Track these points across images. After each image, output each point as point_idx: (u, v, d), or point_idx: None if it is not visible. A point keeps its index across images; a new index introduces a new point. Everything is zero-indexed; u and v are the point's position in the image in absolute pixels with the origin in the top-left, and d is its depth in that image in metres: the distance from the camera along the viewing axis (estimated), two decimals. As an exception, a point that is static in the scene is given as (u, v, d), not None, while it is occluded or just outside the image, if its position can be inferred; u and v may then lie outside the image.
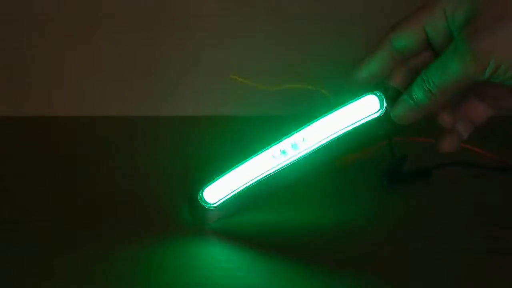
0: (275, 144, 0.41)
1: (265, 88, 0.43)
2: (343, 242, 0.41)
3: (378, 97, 0.38)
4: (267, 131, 0.62)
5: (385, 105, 0.37)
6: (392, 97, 0.38)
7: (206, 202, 0.42)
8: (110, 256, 0.41)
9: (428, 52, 0.38)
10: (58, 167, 0.56)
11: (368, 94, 0.38)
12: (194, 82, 0.66)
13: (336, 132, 0.39)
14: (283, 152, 0.40)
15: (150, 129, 0.65)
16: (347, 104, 0.39)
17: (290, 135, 0.40)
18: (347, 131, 0.39)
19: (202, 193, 0.42)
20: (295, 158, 0.40)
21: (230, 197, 0.41)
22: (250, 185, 0.41)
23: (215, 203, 0.42)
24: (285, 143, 0.40)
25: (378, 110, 0.38)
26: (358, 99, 0.39)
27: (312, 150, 0.40)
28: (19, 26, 0.65)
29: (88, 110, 0.68)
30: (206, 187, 0.42)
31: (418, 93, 0.35)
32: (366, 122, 0.38)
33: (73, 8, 0.64)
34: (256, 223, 0.43)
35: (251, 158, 0.41)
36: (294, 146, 0.40)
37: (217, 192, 0.42)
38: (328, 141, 0.39)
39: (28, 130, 0.66)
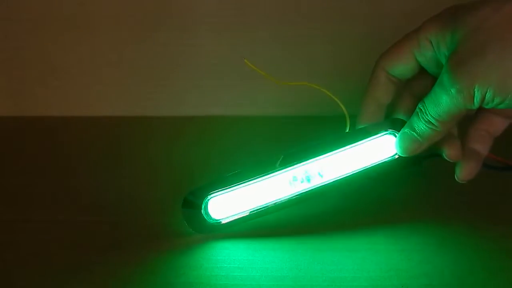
0: (292, 168, 0.40)
1: (274, 81, 0.42)
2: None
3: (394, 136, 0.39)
4: (267, 131, 0.62)
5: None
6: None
7: (209, 216, 0.41)
8: (110, 256, 0.41)
9: (426, 75, 0.38)
10: (58, 167, 0.56)
11: (387, 133, 0.39)
12: (194, 82, 0.66)
13: (353, 170, 0.40)
14: (301, 180, 0.40)
15: (150, 129, 0.65)
16: (365, 140, 0.40)
17: (306, 162, 0.40)
18: (364, 169, 0.40)
19: (207, 203, 0.41)
20: (310, 188, 0.40)
21: (238, 219, 0.41)
22: (262, 208, 0.41)
23: (220, 220, 0.42)
24: (301, 172, 0.40)
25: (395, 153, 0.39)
26: (375, 136, 0.39)
27: (327, 183, 0.40)
28: (19, 26, 0.65)
29: (88, 110, 0.68)
30: (212, 196, 0.41)
31: (419, 125, 0.36)
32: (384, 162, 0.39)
33: (73, 8, 0.64)
34: (256, 222, 0.43)
35: (264, 176, 0.40)
36: (308, 178, 0.40)
37: (223, 207, 0.41)
38: (343, 177, 0.40)
39: (28, 130, 0.66)
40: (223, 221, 0.42)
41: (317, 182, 0.40)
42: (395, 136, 0.39)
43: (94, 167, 0.56)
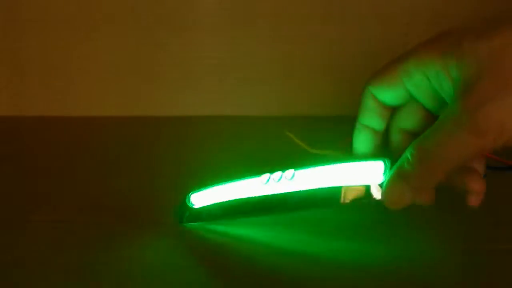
0: (269, 173, 0.41)
1: (307, 148, 0.42)
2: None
3: (385, 165, 0.34)
4: (267, 131, 0.62)
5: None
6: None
7: (191, 203, 0.43)
8: (110, 256, 0.41)
9: (417, 105, 0.34)
10: (58, 167, 0.56)
11: (376, 160, 0.35)
12: (194, 82, 0.66)
13: (327, 182, 0.38)
14: (272, 181, 0.40)
15: (150, 129, 0.65)
16: (351, 161, 0.37)
17: (285, 170, 0.40)
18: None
19: (190, 195, 0.44)
20: (277, 191, 0.40)
21: (210, 205, 0.43)
22: (232, 201, 0.42)
23: (196, 206, 0.43)
24: (276, 175, 0.40)
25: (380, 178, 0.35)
26: (364, 160, 0.36)
27: (297, 192, 0.39)
28: (19, 26, 0.65)
29: (88, 110, 0.68)
30: (196, 191, 0.44)
31: (417, 176, 0.30)
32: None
33: (73, 8, 0.64)
34: (256, 222, 0.43)
35: (245, 178, 0.42)
36: (279, 179, 0.40)
37: (203, 198, 0.43)
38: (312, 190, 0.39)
39: (28, 130, 0.65)
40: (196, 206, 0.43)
41: (289, 185, 0.40)
42: (384, 165, 0.35)
43: (94, 167, 0.56)
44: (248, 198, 0.41)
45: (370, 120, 0.35)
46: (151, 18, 0.63)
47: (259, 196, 0.41)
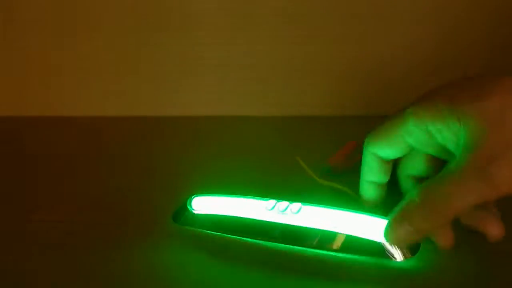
0: (276, 200, 0.41)
1: (317, 179, 0.44)
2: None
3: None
4: (267, 131, 0.62)
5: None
6: None
7: (191, 207, 0.43)
8: (110, 256, 0.41)
9: (419, 153, 0.36)
10: (58, 167, 0.56)
11: (385, 218, 0.36)
12: (194, 82, 0.66)
13: (331, 225, 0.39)
14: (277, 209, 0.41)
15: (150, 129, 0.65)
16: (360, 213, 0.38)
17: (292, 202, 0.40)
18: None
19: (192, 198, 0.44)
20: (280, 221, 0.40)
21: (210, 215, 0.43)
22: (233, 217, 0.42)
23: (196, 211, 0.43)
24: (282, 205, 0.41)
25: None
26: (373, 215, 0.37)
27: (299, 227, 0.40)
28: (19, 26, 0.65)
29: (88, 110, 0.68)
30: (199, 195, 0.44)
31: (423, 219, 0.32)
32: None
33: (73, 8, 0.64)
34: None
35: (251, 197, 0.42)
36: (285, 210, 0.40)
37: (204, 205, 0.43)
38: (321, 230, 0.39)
39: (28, 130, 0.66)
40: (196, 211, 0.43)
41: (293, 218, 0.40)
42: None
43: (94, 167, 0.56)
44: (249, 219, 0.41)
45: (374, 176, 0.38)
46: (151, 18, 0.63)
47: (260, 221, 0.41)
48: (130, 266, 0.40)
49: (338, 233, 0.39)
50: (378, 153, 0.37)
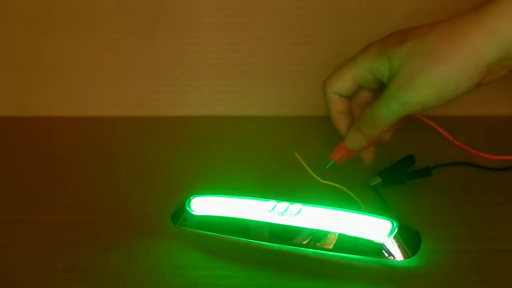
0: (276, 201, 0.42)
1: (317, 178, 0.46)
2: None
3: (392, 226, 0.39)
4: (267, 131, 0.62)
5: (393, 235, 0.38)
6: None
7: (190, 208, 0.44)
8: (110, 257, 0.41)
9: (364, 90, 0.46)
10: (58, 167, 0.56)
11: (385, 219, 0.39)
12: (194, 82, 0.66)
13: (331, 226, 0.40)
14: (277, 210, 0.41)
15: (149, 129, 0.65)
16: (360, 213, 0.40)
17: (293, 203, 0.41)
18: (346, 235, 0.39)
19: (191, 199, 0.44)
20: (280, 222, 0.41)
21: (209, 216, 0.43)
22: (232, 219, 0.42)
23: (195, 212, 0.43)
24: (282, 206, 0.41)
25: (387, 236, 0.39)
26: (373, 215, 0.40)
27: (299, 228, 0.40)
28: (19, 26, 0.65)
29: (88, 110, 0.68)
30: (198, 196, 0.44)
31: (367, 128, 0.43)
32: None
33: (73, 8, 0.64)
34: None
35: (250, 198, 0.42)
36: (285, 211, 0.41)
37: (203, 205, 0.44)
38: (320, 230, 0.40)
39: (28, 130, 0.66)
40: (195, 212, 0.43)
41: (294, 220, 0.41)
42: (391, 225, 0.39)
43: (94, 167, 0.56)
44: (249, 220, 0.42)
45: (338, 107, 0.46)
46: (151, 18, 0.63)
47: (260, 222, 0.41)
48: (129, 266, 0.40)
49: (338, 233, 0.39)
50: (333, 91, 0.45)
